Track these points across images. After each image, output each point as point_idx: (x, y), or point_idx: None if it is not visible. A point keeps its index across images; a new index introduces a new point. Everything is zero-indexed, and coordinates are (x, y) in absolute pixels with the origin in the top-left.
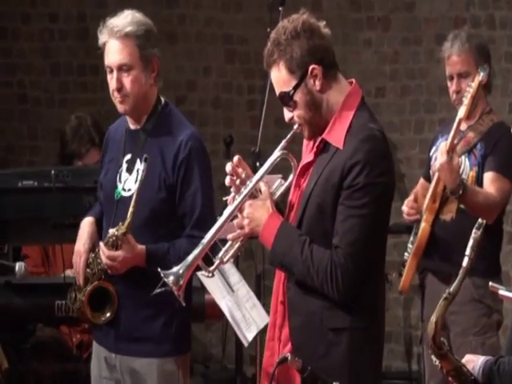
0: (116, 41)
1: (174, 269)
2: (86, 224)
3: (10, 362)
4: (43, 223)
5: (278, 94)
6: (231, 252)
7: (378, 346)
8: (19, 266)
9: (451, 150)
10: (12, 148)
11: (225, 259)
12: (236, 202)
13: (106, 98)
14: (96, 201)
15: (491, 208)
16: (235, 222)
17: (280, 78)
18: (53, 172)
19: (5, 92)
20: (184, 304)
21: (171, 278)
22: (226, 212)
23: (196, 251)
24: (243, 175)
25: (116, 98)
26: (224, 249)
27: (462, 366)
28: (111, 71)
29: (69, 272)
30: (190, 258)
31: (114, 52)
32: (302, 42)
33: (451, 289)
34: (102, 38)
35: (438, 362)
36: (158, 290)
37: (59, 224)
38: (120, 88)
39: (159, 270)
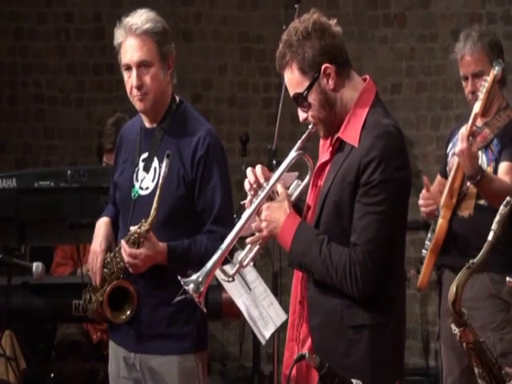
0: (135, 38)
1: (194, 276)
2: (102, 224)
3: (28, 362)
4: (60, 223)
5: (291, 95)
6: (251, 255)
7: (399, 342)
8: (36, 266)
9: (471, 135)
10: (29, 147)
11: (244, 263)
12: (254, 205)
13: (122, 96)
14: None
15: (505, 196)
16: (253, 225)
17: (293, 79)
18: (69, 172)
19: (21, 92)
20: (205, 310)
21: (191, 286)
22: (244, 216)
23: (215, 257)
24: (262, 179)
25: (135, 96)
26: (243, 252)
27: (482, 343)
28: (129, 69)
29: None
30: (209, 264)
31: (134, 49)
32: (314, 42)
33: (475, 259)
34: (119, 37)
35: (457, 331)
36: (178, 298)
37: (76, 224)
38: (140, 85)
39: (179, 277)
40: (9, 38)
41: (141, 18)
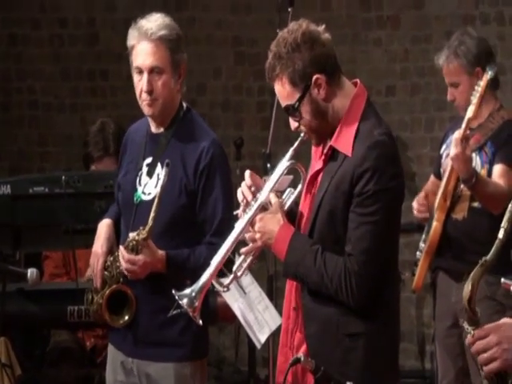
0: (149, 43)
1: (188, 290)
2: (104, 226)
3: (23, 369)
4: (54, 229)
5: (282, 106)
6: (245, 265)
7: (395, 348)
8: (31, 272)
9: (464, 140)
10: (23, 154)
11: (239, 273)
12: (247, 217)
13: (117, 102)
14: (111, 202)
15: (500, 199)
16: (247, 236)
17: (284, 91)
18: (63, 178)
19: (15, 98)
20: (201, 323)
21: (185, 301)
22: (237, 227)
23: (209, 270)
24: (253, 189)
25: (144, 100)
26: (237, 263)
27: None
28: (140, 73)
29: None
30: (203, 278)
31: (147, 54)
32: (304, 53)
33: (487, 257)
34: (132, 39)
35: (470, 330)
36: (173, 312)
37: (71, 230)
38: (151, 91)
39: (173, 291)
40: (2, 44)
41: (156, 23)
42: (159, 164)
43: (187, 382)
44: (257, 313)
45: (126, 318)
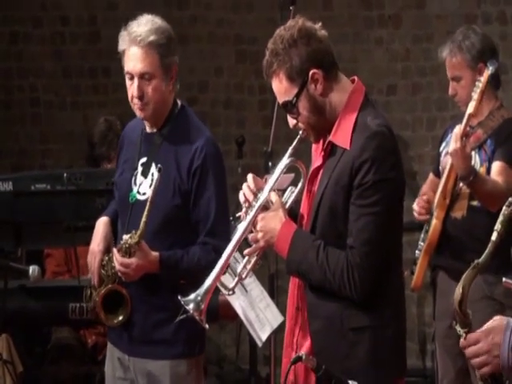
0: (138, 49)
1: (193, 295)
2: (101, 224)
3: (24, 366)
4: (56, 226)
5: (280, 103)
6: (249, 267)
7: (400, 341)
8: (33, 269)
9: (464, 136)
10: (24, 152)
11: (243, 275)
12: (249, 217)
13: (118, 99)
14: (110, 200)
15: (498, 197)
16: (250, 236)
17: (281, 87)
18: (65, 175)
19: (17, 96)
20: (207, 326)
21: (192, 306)
22: (240, 228)
23: (213, 273)
24: (255, 190)
25: (136, 104)
26: (241, 265)
27: None
28: (131, 78)
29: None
30: (209, 281)
31: (136, 60)
32: (300, 49)
33: (480, 259)
34: (123, 44)
35: (462, 332)
36: (180, 317)
37: (72, 227)
38: (141, 96)
39: (179, 297)
40: (4, 42)
41: (146, 28)
42: (153, 164)
43: (182, 380)
44: (258, 311)
45: (121, 317)
